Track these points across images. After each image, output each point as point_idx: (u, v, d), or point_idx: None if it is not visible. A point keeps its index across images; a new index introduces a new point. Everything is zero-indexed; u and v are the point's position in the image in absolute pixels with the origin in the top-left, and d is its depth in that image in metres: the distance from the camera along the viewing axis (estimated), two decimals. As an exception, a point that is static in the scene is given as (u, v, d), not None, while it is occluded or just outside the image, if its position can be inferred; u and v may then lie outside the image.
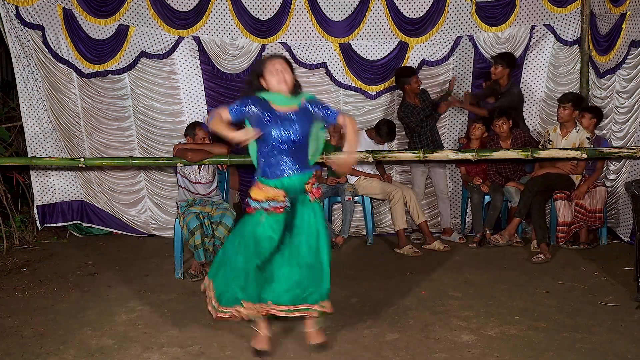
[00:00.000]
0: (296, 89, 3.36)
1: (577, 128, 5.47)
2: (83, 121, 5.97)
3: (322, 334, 3.47)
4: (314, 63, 6.10)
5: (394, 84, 6.11)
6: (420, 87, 5.86)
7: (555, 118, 5.62)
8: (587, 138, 5.40)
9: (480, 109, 5.90)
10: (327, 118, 3.39)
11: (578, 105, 5.46)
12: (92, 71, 5.86)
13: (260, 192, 3.32)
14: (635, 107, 5.49)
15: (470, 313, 3.97)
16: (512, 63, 5.80)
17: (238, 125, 3.32)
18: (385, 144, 5.97)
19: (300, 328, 3.70)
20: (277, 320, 3.81)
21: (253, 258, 3.29)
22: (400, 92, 6.13)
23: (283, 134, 3.25)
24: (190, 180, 4.93)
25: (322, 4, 6.00)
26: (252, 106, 3.27)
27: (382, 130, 5.77)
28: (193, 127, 5.01)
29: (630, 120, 5.57)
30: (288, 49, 6.05)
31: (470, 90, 6.14)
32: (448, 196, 6.18)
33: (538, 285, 4.51)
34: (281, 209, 3.28)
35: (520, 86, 6.06)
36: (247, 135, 3.22)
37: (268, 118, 3.25)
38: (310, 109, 3.36)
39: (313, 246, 3.31)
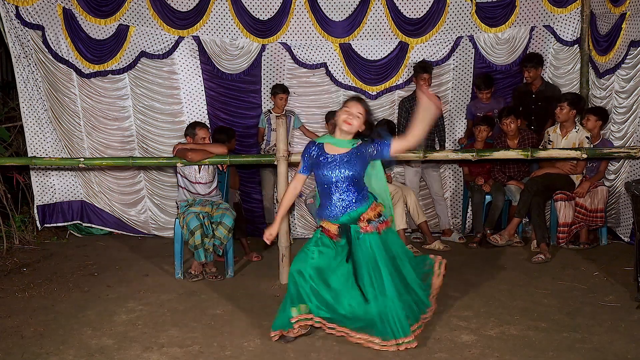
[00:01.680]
0: (361, 135, 3.51)
1: (577, 128, 5.47)
2: (83, 121, 5.97)
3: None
4: (314, 63, 6.10)
5: (395, 84, 6.12)
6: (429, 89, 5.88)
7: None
8: (587, 138, 5.40)
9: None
10: (381, 152, 3.50)
11: (575, 105, 5.45)
12: (92, 71, 5.87)
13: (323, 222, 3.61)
14: (634, 107, 5.49)
15: (470, 313, 3.97)
16: (542, 61, 5.87)
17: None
18: None
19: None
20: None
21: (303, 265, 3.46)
22: (401, 92, 6.15)
23: (330, 176, 3.47)
24: (190, 180, 4.93)
25: (322, 4, 6.00)
26: (310, 153, 3.57)
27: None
28: (193, 127, 5.01)
29: (629, 120, 5.57)
30: (288, 49, 6.06)
31: (470, 91, 6.16)
32: (444, 198, 6.19)
33: (538, 285, 4.52)
34: (334, 237, 3.52)
35: (521, 86, 6.08)
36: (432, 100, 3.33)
37: (319, 160, 3.52)
38: (363, 149, 3.49)
39: (376, 278, 3.45)
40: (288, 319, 3.46)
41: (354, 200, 3.50)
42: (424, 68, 5.79)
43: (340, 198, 3.50)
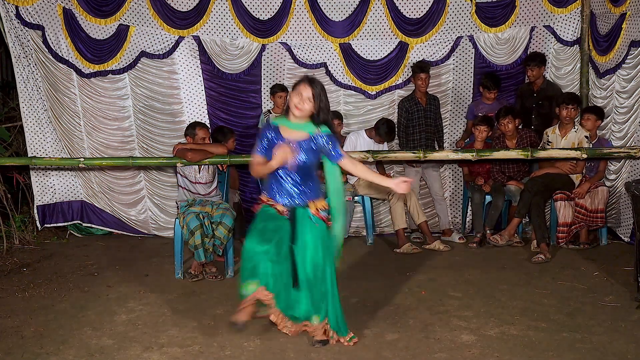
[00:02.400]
0: (315, 120, 3.41)
1: (576, 128, 5.48)
2: (83, 121, 5.97)
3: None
4: (314, 63, 6.10)
5: (394, 84, 6.13)
6: (427, 90, 5.89)
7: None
8: (586, 137, 5.40)
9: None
10: (330, 156, 3.46)
11: (580, 105, 5.48)
12: (92, 71, 5.86)
13: (266, 199, 3.55)
14: (635, 107, 5.49)
15: (470, 313, 3.97)
16: (544, 60, 5.87)
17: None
18: (385, 143, 5.97)
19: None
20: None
21: (261, 241, 3.38)
22: (401, 92, 6.15)
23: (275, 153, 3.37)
24: (190, 180, 4.93)
25: (322, 4, 6.00)
26: (267, 135, 3.46)
27: (381, 130, 5.78)
28: (193, 127, 5.01)
29: (629, 120, 5.57)
30: (288, 49, 6.06)
31: (471, 91, 6.17)
32: (444, 198, 6.19)
33: (538, 285, 4.52)
34: (284, 213, 3.44)
35: (524, 86, 6.08)
36: (283, 156, 3.34)
37: (273, 142, 3.41)
38: (320, 141, 3.42)
39: (319, 264, 3.40)
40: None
41: (305, 191, 3.44)
42: (421, 68, 5.79)
43: (291, 185, 3.43)
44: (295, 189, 3.44)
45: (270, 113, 5.99)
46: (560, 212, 5.42)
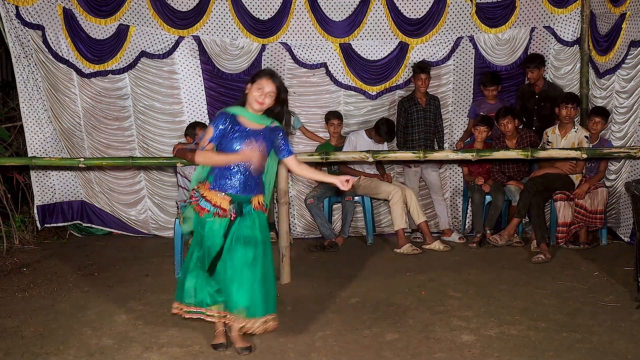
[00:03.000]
0: (272, 114, 3.43)
1: (576, 128, 5.48)
2: (83, 121, 5.97)
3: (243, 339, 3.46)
4: (314, 63, 6.10)
5: (395, 84, 6.13)
6: (427, 90, 5.90)
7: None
8: (586, 137, 5.40)
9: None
10: (278, 150, 3.47)
11: (579, 105, 5.49)
12: (92, 71, 5.86)
13: (210, 194, 3.37)
14: (635, 107, 5.49)
15: (470, 313, 3.97)
16: (543, 61, 5.87)
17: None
18: (385, 143, 5.97)
19: (301, 329, 3.71)
20: (279, 319, 3.82)
21: (198, 254, 3.39)
22: (401, 92, 6.15)
23: (239, 148, 3.33)
24: (190, 181, 4.92)
25: (322, 4, 6.00)
26: (222, 122, 3.36)
27: (381, 130, 5.78)
28: (193, 127, 5.02)
29: (629, 120, 5.57)
30: (288, 49, 6.06)
31: (471, 91, 6.17)
32: (444, 198, 6.19)
33: (538, 285, 4.52)
34: (226, 215, 3.35)
35: (521, 87, 6.08)
36: (250, 156, 3.32)
37: (233, 132, 3.35)
38: (275, 134, 3.43)
39: (249, 257, 3.33)
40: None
41: (255, 182, 3.41)
42: (421, 68, 5.79)
43: (242, 175, 3.36)
44: (243, 180, 3.36)
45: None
46: (560, 212, 5.42)
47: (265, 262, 3.38)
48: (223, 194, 3.35)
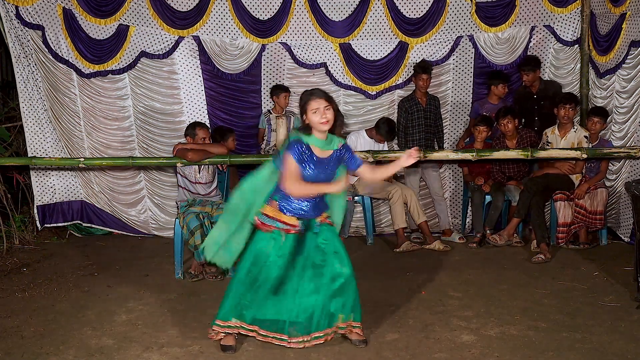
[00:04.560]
0: (336, 126, 3.42)
1: (575, 128, 5.48)
2: (83, 121, 5.97)
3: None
4: (314, 63, 6.10)
5: (394, 84, 6.13)
6: (427, 90, 5.90)
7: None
8: (586, 137, 5.40)
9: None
10: (348, 164, 3.50)
11: (578, 104, 5.49)
12: (92, 71, 5.86)
13: (275, 212, 3.41)
14: (635, 107, 5.49)
15: (470, 313, 3.97)
16: (539, 63, 5.87)
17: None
18: (385, 143, 5.97)
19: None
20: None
21: (258, 272, 3.38)
22: (401, 92, 6.16)
23: (315, 176, 3.37)
24: (190, 180, 4.93)
25: (322, 4, 6.00)
26: (300, 150, 3.35)
27: (382, 129, 5.78)
28: (193, 127, 5.01)
29: (629, 120, 5.57)
30: (288, 49, 6.06)
31: (471, 91, 6.18)
32: (444, 198, 6.19)
33: (538, 285, 4.52)
34: (292, 231, 3.39)
35: (520, 89, 6.08)
36: (344, 184, 3.40)
37: (307, 161, 3.36)
38: (342, 154, 3.46)
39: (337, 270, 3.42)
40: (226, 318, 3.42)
41: (322, 205, 3.48)
42: (423, 68, 5.79)
43: (314, 202, 3.42)
44: (308, 204, 3.42)
45: (271, 113, 5.99)
46: (560, 212, 5.42)
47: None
48: (290, 214, 3.40)
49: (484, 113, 5.94)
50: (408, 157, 3.41)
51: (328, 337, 3.46)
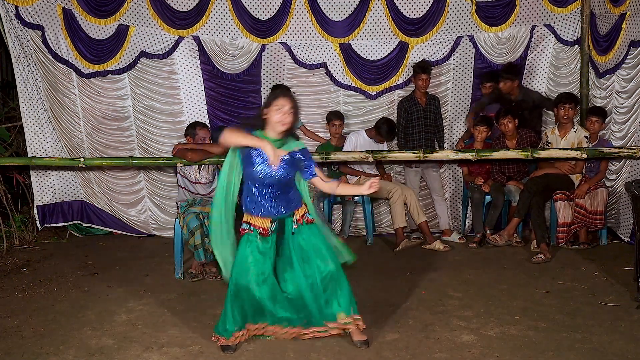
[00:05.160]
0: (292, 131, 3.46)
1: (575, 128, 5.48)
2: (83, 121, 5.97)
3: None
4: (314, 63, 6.10)
5: (394, 84, 6.13)
6: (427, 90, 5.90)
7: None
8: (586, 137, 5.40)
9: (477, 106, 6.06)
10: (302, 172, 3.50)
11: (577, 104, 5.51)
12: (91, 71, 5.86)
13: (247, 215, 3.49)
14: (635, 107, 5.49)
15: (470, 313, 3.97)
16: (519, 72, 5.85)
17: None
18: (385, 143, 5.98)
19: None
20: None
21: (243, 277, 3.41)
22: (401, 92, 6.15)
23: (263, 176, 3.37)
24: (190, 180, 4.93)
25: (322, 4, 5.99)
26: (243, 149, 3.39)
27: (382, 129, 5.78)
28: (193, 127, 5.01)
29: (629, 121, 5.57)
30: (288, 49, 6.05)
31: (470, 91, 6.17)
32: (444, 198, 6.18)
33: (538, 285, 4.52)
34: (267, 233, 3.44)
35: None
36: (273, 155, 3.31)
37: (256, 157, 3.37)
38: (297, 159, 3.44)
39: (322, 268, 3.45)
40: (228, 333, 3.44)
41: (288, 202, 3.46)
42: (422, 68, 5.79)
43: (275, 199, 3.42)
44: (274, 202, 3.43)
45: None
46: (560, 212, 5.42)
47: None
48: (260, 216, 3.43)
49: (489, 113, 5.94)
50: (369, 187, 3.41)
51: (332, 332, 3.50)
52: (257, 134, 3.40)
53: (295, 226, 3.47)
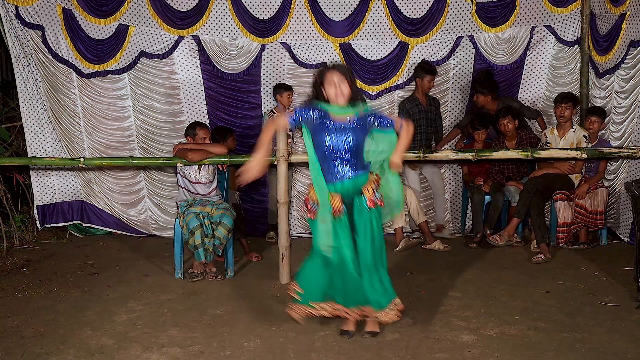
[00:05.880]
0: (355, 99, 3.49)
1: (574, 128, 5.48)
2: (83, 121, 5.97)
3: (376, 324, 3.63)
4: (314, 63, 6.09)
5: (395, 84, 6.12)
6: (430, 91, 5.90)
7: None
8: (585, 137, 5.40)
9: (450, 134, 6.16)
10: (383, 126, 3.52)
11: (576, 104, 5.51)
12: (91, 71, 5.86)
13: (315, 195, 3.51)
14: (633, 107, 5.49)
15: (470, 313, 3.97)
16: (494, 87, 5.83)
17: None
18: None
19: (301, 329, 3.71)
20: (279, 319, 3.82)
21: (320, 258, 3.50)
22: (401, 92, 6.15)
23: (336, 142, 3.43)
24: (190, 180, 4.93)
25: (322, 3, 6.00)
26: (312, 113, 3.46)
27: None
28: (193, 127, 5.01)
29: (627, 120, 5.57)
30: (288, 48, 6.05)
31: (470, 91, 6.18)
32: (444, 193, 6.19)
33: (538, 285, 4.52)
34: (338, 214, 3.45)
35: (521, 87, 6.09)
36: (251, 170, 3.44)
37: (324, 126, 3.43)
38: (367, 119, 3.49)
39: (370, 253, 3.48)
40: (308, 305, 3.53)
41: (358, 165, 3.50)
42: (430, 71, 5.77)
43: (343, 164, 3.47)
44: (349, 165, 3.47)
45: (274, 113, 5.98)
46: (560, 212, 5.42)
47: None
48: (333, 193, 3.46)
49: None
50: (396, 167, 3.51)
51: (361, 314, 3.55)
52: (323, 105, 3.47)
53: (364, 202, 3.48)
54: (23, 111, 5.79)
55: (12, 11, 5.55)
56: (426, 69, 5.79)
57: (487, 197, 5.80)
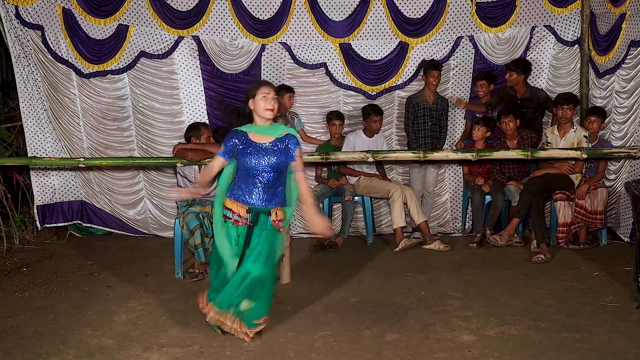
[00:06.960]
0: (278, 118, 3.63)
1: (575, 128, 5.48)
2: (82, 121, 5.97)
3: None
4: (314, 63, 6.10)
5: (394, 84, 6.13)
6: (436, 89, 5.94)
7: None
8: (585, 137, 5.40)
9: (478, 106, 5.98)
10: (287, 153, 3.54)
11: (577, 104, 5.51)
12: (91, 71, 5.86)
13: (230, 203, 3.59)
14: (635, 107, 5.49)
15: (470, 313, 3.97)
16: (528, 69, 5.85)
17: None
18: (385, 143, 5.98)
19: (301, 328, 3.71)
20: (279, 319, 3.82)
21: (217, 262, 3.60)
22: (401, 92, 6.15)
23: (256, 164, 3.48)
24: (190, 180, 4.93)
25: (322, 4, 5.99)
26: (233, 140, 3.54)
27: (366, 109, 5.87)
28: (197, 127, 5.00)
29: (629, 121, 5.57)
30: (288, 49, 6.05)
31: (469, 91, 6.17)
32: (432, 194, 6.21)
33: (538, 285, 4.52)
34: (243, 223, 3.53)
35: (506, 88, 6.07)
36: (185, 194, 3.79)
37: (245, 149, 3.51)
38: (287, 144, 3.53)
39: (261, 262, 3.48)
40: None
41: (274, 195, 3.56)
42: (434, 65, 5.84)
43: (262, 188, 3.52)
44: (265, 191, 3.53)
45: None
46: (560, 212, 5.42)
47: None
48: (241, 203, 3.54)
49: (477, 114, 5.95)
50: (321, 231, 3.49)
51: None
52: (243, 128, 3.56)
53: (269, 225, 3.55)
54: (23, 111, 5.78)
55: (12, 11, 5.55)
56: (431, 64, 5.85)
57: (488, 197, 5.80)
